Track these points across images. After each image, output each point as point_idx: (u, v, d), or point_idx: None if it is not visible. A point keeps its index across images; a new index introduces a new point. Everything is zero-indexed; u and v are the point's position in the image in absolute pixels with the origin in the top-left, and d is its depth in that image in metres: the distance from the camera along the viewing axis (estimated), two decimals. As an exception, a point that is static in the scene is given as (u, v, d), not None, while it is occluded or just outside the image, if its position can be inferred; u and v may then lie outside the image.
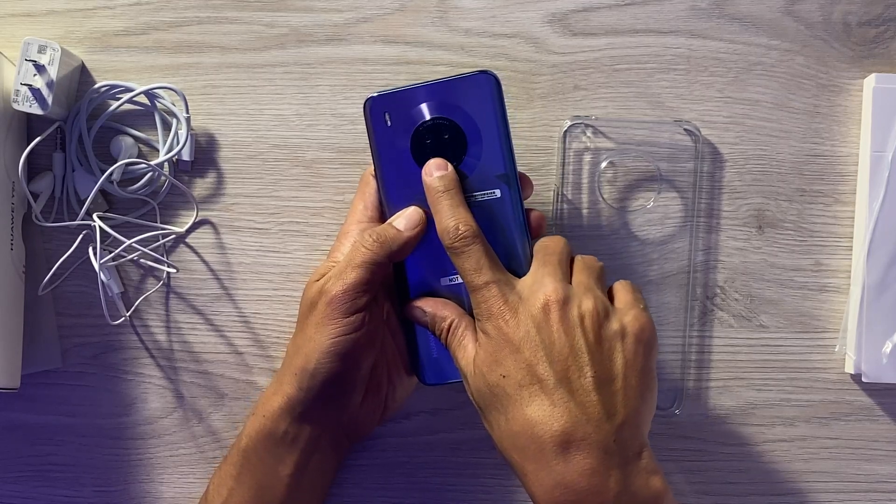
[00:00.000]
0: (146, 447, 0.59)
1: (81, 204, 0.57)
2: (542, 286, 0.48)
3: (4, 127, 0.55)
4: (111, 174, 0.56)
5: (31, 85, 0.54)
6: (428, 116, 0.51)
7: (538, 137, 0.58)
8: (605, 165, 0.58)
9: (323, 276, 0.52)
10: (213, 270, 0.59)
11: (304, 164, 0.59)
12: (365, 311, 0.50)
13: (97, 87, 0.57)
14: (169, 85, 0.57)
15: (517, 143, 0.53)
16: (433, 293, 0.53)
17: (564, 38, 0.58)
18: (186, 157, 0.58)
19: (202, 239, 0.59)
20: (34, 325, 0.58)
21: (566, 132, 0.58)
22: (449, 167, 0.51)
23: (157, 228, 0.58)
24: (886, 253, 0.57)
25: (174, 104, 0.58)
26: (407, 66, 0.58)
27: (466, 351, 0.49)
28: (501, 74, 0.51)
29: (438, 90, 0.51)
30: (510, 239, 0.51)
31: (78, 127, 0.57)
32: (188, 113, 0.57)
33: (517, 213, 0.51)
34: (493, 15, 0.58)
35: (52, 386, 0.59)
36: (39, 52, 0.54)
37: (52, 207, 0.58)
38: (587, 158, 0.58)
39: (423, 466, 0.59)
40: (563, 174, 0.58)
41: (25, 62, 0.53)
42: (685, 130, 0.58)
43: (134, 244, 0.56)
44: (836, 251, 0.59)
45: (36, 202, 0.57)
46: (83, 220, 0.56)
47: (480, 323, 0.49)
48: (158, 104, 0.58)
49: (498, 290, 0.48)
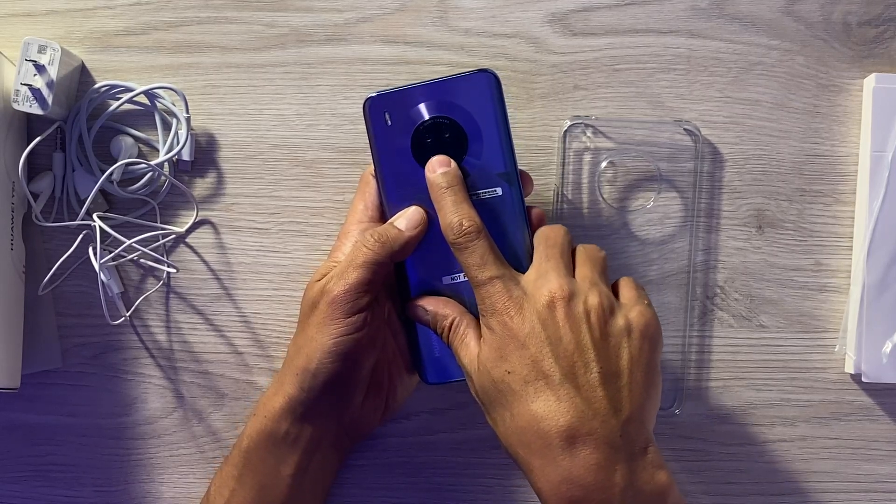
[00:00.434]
0: (146, 447, 0.59)
1: (81, 204, 0.57)
2: (546, 281, 0.48)
3: (4, 127, 0.55)
4: (111, 174, 0.56)
5: (31, 85, 0.54)
6: (428, 116, 0.51)
7: (538, 137, 0.58)
8: (605, 165, 0.58)
9: (324, 276, 0.51)
10: (213, 270, 0.59)
11: (304, 164, 0.59)
12: (366, 311, 0.50)
13: (97, 87, 0.57)
14: (169, 85, 0.57)
15: (517, 143, 0.53)
16: (434, 292, 0.53)
17: (564, 37, 0.58)
18: (186, 157, 0.58)
19: (202, 239, 0.59)
20: (34, 325, 0.58)
21: (566, 132, 0.58)
22: (452, 164, 0.51)
23: (157, 228, 0.58)
24: (886, 253, 0.57)
25: (174, 104, 0.58)
26: (407, 66, 0.58)
27: (469, 348, 0.49)
28: (501, 74, 0.51)
29: (438, 89, 0.51)
30: (512, 236, 0.51)
31: (78, 127, 0.57)
32: (188, 113, 0.57)
33: (518, 210, 0.51)
34: (493, 15, 0.58)
35: (52, 386, 0.59)
36: (39, 52, 0.54)
37: (52, 207, 0.58)
38: (587, 158, 0.58)
39: (423, 466, 0.59)
40: (563, 174, 0.58)
41: (25, 62, 0.53)
42: (685, 130, 0.58)
43: (134, 244, 0.56)
44: (836, 251, 0.59)
45: (36, 202, 0.56)
46: (83, 220, 0.56)
47: (485, 319, 0.49)
48: (158, 104, 0.58)
49: (503, 285, 0.48)
